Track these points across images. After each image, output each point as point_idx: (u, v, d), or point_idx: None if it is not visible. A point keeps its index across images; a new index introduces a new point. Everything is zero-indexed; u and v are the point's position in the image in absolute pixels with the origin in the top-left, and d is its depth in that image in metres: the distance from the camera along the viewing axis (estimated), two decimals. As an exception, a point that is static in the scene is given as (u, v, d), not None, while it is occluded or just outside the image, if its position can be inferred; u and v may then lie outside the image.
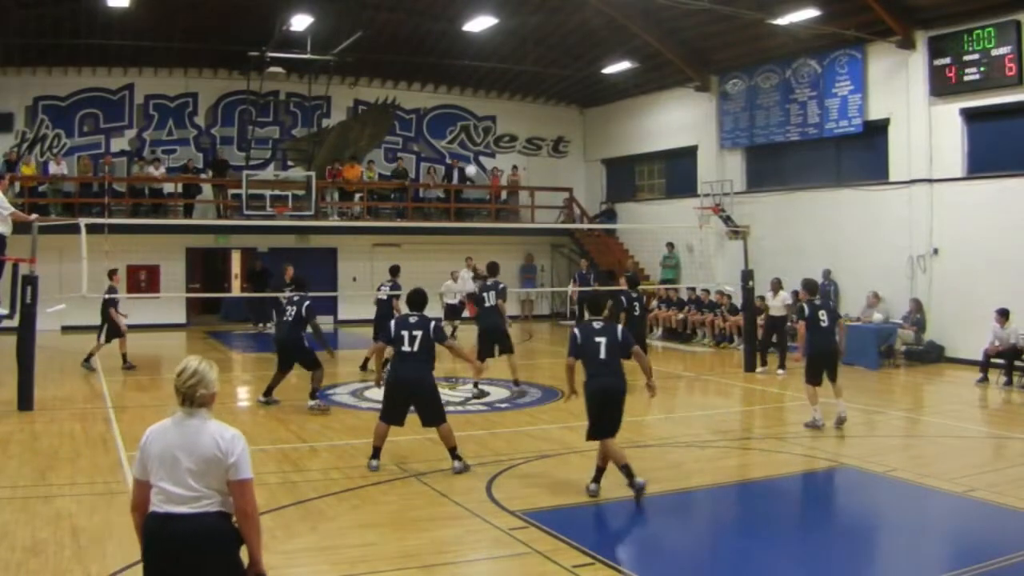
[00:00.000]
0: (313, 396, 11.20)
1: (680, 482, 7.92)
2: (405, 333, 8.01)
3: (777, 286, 15.54)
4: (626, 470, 7.16)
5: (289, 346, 11.21)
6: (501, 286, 12.42)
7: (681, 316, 20.03)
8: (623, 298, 13.23)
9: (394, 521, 6.73)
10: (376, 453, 8.16)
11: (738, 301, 17.26)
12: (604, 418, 7.26)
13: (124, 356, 14.99)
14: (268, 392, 11.49)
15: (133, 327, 20.17)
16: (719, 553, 6.51)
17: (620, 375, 7.36)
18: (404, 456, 8.68)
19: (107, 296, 14.66)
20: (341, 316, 22.69)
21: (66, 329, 19.58)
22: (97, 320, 14.90)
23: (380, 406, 8.28)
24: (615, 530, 6.90)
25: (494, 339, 12.29)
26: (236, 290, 24.39)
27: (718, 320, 19.10)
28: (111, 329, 14.69)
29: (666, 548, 6.65)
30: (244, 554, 3.76)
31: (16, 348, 11.05)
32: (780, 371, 14.99)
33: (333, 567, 5.75)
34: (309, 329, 11.30)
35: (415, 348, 7.97)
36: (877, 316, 16.26)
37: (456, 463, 8.06)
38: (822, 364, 10.29)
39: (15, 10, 18.20)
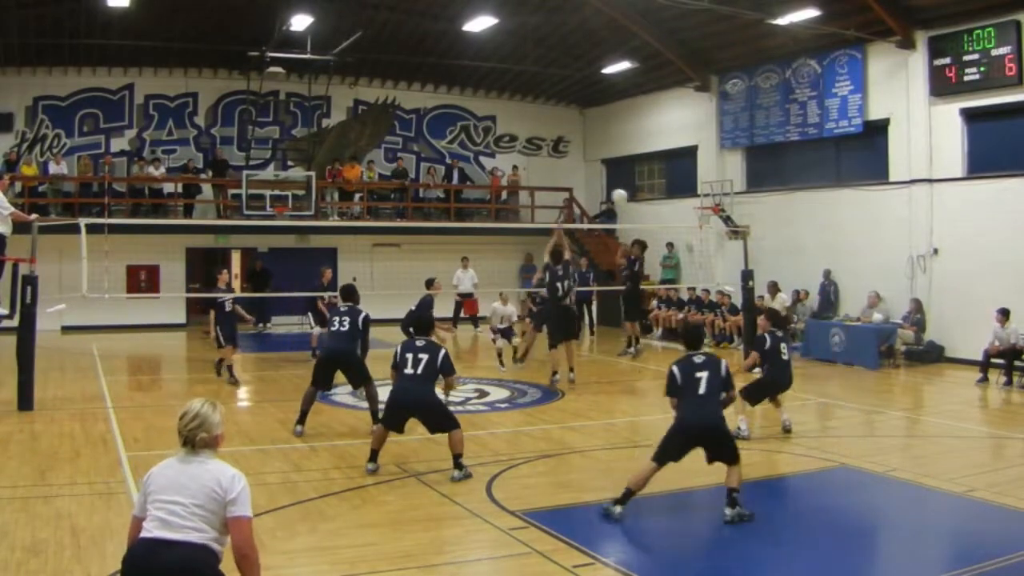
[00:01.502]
0: (377, 419, 9.40)
1: (680, 482, 7.91)
2: (410, 356, 7.92)
3: (774, 289, 15.55)
4: (730, 494, 6.83)
5: (343, 357, 9.75)
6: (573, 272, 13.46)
7: (681, 316, 20.03)
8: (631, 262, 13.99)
9: (394, 521, 6.73)
10: (374, 456, 8.12)
11: (738, 301, 17.25)
12: (681, 450, 6.89)
13: (229, 368, 13.35)
14: (303, 419, 9.86)
15: (131, 327, 20.32)
16: (719, 553, 6.50)
17: (719, 411, 6.97)
18: (404, 456, 8.68)
19: (215, 296, 13.44)
20: (341, 316, 22.67)
21: (66, 329, 19.58)
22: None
23: (380, 405, 8.29)
24: (615, 530, 6.88)
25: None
26: (236, 290, 24.35)
27: (718, 320, 19.10)
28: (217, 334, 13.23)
29: (666, 548, 6.65)
30: None
31: (16, 348, 11.05)
32: None
33: (333, 567, 5.75)
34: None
35: (419, 371, 7.87)
36: (877, 316, 16.25)
37: (456, 472, 7.88)
38: (772, 391, 9.92)
39: (15, 10, 18.19)
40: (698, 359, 7.06)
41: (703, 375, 6.91)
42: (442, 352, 8.04)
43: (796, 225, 19.09)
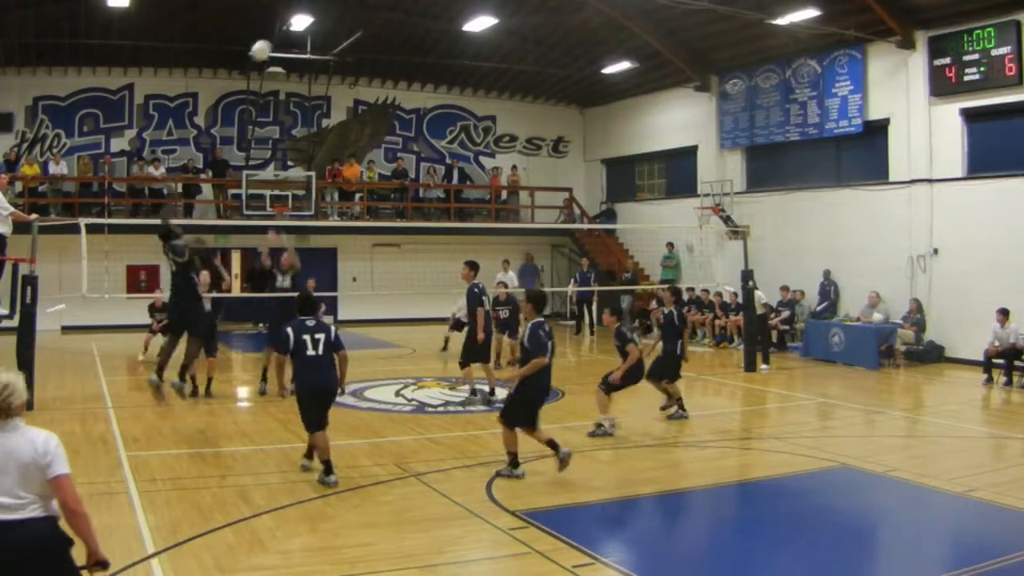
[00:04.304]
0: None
1: (680, 482, 7.91)
2: (307, 337, 7.61)
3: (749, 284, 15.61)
4: None
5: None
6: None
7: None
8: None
9: (394, 521, 6.72)
10: (328, 467, 7.68)
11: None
12: None
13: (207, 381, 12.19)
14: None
15: (131, 327, 20.29)
16: (719, 553, 6.50)
17: None
18: (404, 456, 8.67)
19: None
20: (341, 316, 22.68)
21: (66, 329, 19.58)
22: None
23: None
24: (615, 530, 6.89)
25: None
26: (236, 290, 24.35)
27: (720, 320, 19.09)
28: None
29: (666, 548, 6.65)
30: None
31: (16, 348, 11.04)
32: (763, 366, 15.14)
33: (333, 567, 5.74)
34: None
35: (320, 351, 7.62)
36: (877, 316, 16.25)
37: (329, 476, 7.60)
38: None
39: (15, 10, 18.19)
40: None
41: None
42: (333, 328, 7.91)
43: (796, 225, 19.10)
